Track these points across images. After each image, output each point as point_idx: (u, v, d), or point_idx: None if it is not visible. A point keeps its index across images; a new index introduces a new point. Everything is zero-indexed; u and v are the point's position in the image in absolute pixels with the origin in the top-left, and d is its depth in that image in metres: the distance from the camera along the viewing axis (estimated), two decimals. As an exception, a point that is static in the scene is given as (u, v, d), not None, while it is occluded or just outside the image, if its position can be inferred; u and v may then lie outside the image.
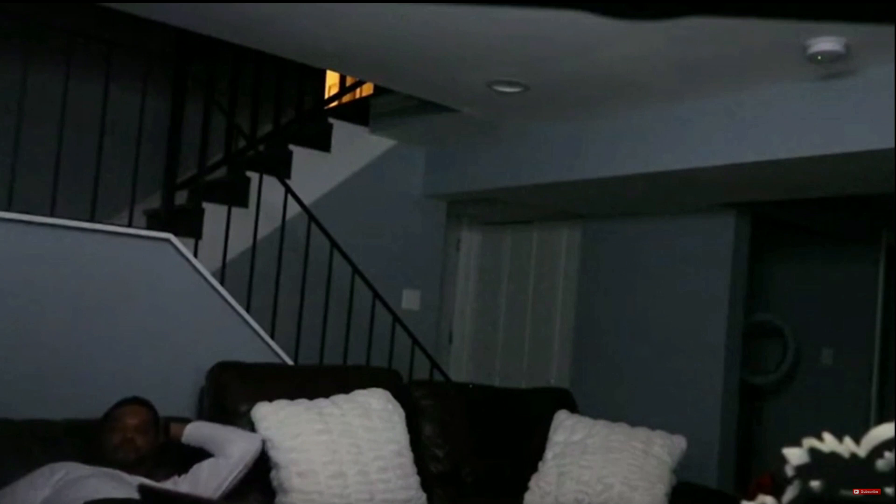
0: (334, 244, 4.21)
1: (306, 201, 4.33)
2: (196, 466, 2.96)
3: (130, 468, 2.82)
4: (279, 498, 3.08)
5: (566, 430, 3.75)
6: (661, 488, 3.50)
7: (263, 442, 3.10)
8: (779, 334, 6.16)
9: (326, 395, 3.38)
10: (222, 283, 3.77)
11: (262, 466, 3.12)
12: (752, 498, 0.99)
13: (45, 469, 2.68)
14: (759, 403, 6.28)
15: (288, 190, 4.16)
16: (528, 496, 3.61)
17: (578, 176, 4.39)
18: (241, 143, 4.69)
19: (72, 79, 3.57)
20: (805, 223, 5.63)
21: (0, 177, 3.51)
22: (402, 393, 3.67)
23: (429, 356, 4.64)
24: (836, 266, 6.01)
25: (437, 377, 4.61)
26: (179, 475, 2.95)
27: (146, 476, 2.81)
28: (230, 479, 2.95)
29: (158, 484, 2.79)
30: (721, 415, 4.86)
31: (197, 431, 3.08)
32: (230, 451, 2.98)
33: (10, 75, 3.68)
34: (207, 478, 2.91)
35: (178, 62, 4.08)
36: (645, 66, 3.49)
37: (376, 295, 4.34)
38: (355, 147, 5.00)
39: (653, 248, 5.22)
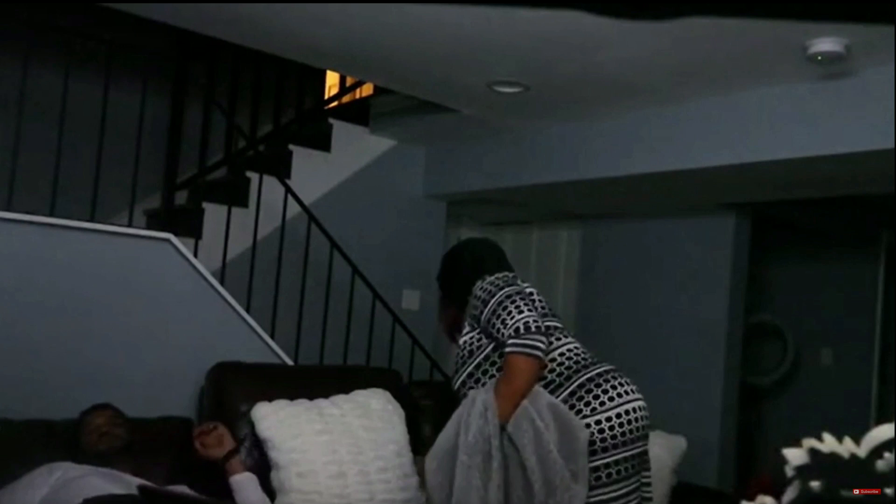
0: (334, 244, 4.21)
1: (306, 201, 4.32)
2: None
3: (118, 457, 2.84)
4: (279, 498, 3.07)
5: (566, 430, 3.73)
6: (661, 488, 3.49)
7: (264, 441, 3.10)
8: (779, 334, 6.16)
9: (326, 395, 3.38)
10: (222, 283, 3.77)
11: (262, 467, 3.12)
12: (751, 498, 0.98)
13: (44, 468, 2.69)
14: (759, 403, 6.28)
15: (288, 190, 4.15)
16: (528, 496, 3.60)
17: (578, 176, 4.39)
18: (241, 143, 4.69)
19: (72, 79, 3.56)
20: (805, 223, 5.63)
21: (0, 177, 3.51)
22: (402, 393, 3.67)
23: (429, 356, 4.63)
24: (836, 266, 6.01)
25: (437, 377, 4.61)
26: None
27: (137, 469, 2.82)
28: None
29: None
30: (721, 415, 4.85)
31: (246, 489, 2.99)
32: None
33: (10, 75, 3.68)
34: None
35: (178, 62, 4.07)
36: (645, 67, 3.49)
37: (376, 295, 4.34)
38: (355, 147, 5.00)
39: (653, 249, 5.22)
